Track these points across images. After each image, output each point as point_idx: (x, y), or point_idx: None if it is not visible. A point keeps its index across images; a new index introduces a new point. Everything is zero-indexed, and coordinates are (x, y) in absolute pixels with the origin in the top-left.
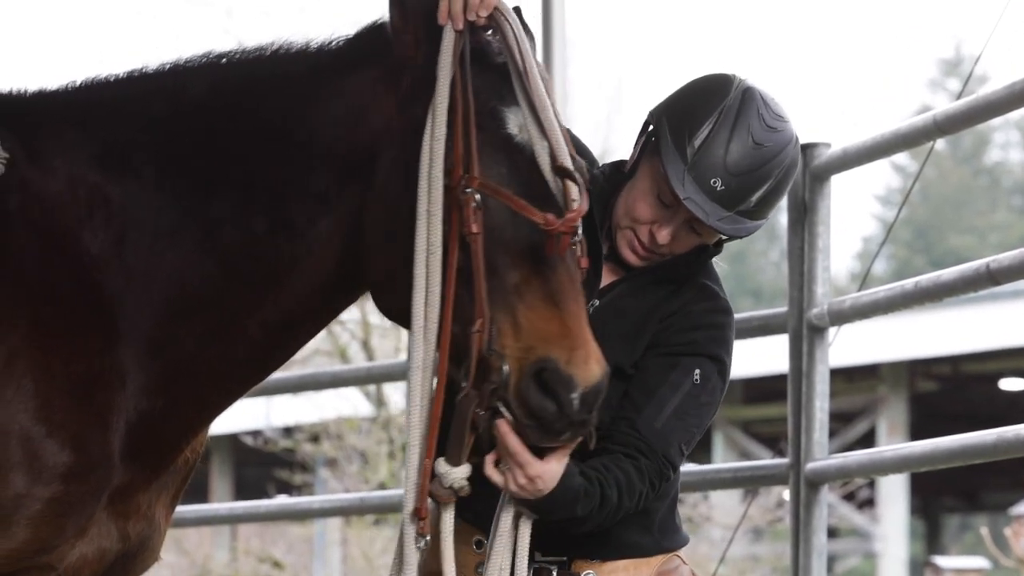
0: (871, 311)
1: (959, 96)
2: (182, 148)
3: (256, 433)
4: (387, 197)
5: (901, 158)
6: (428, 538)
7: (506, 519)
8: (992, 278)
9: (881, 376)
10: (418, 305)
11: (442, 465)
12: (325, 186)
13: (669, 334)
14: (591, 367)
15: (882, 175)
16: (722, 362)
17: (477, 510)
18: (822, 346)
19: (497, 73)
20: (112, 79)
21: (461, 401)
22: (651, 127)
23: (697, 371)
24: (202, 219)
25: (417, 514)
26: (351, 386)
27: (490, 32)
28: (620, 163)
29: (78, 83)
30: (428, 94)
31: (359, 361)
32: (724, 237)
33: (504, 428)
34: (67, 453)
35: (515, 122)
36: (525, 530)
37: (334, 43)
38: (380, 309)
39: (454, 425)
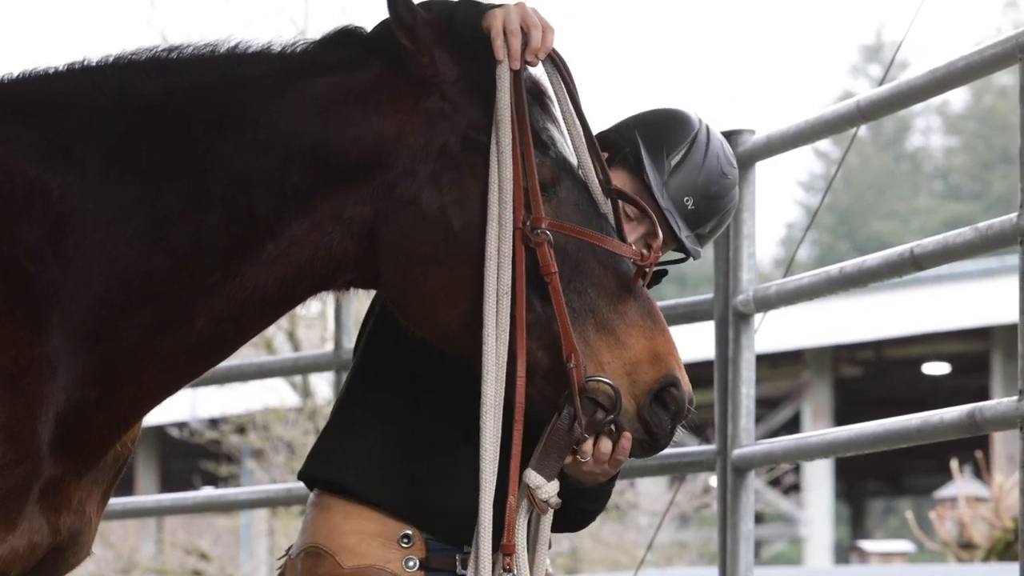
0: (796, 297)
1: (881, 82)
2: (130, 143)
3: (182, 425)
4: (422, 211)
5: (823, 144)
6: (515, 571)
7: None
8: (916, 263)
9: (805, 361)
10: (489, 346)
11: (536, 477)
12: (296, 184)
13: None
14: (688, 382)
15: (804, 161)
16: None
17: (426, 506)
18: (748, 332)
19: (535, 100)
20: (55, 71)
21: (563, 423)
22: (617, 144)
23: None
24: (150, 211)
25: (505, 550)
26: (277, 377)
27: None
28: None
29: (18, 75)
30: (467, 113)
31: (285, 352)
32: (665, 263)
33: (626, 444)
34: None
35: (566, 147)
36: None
37: (299, 46)
38: (409, 320)
39: (552, 444)
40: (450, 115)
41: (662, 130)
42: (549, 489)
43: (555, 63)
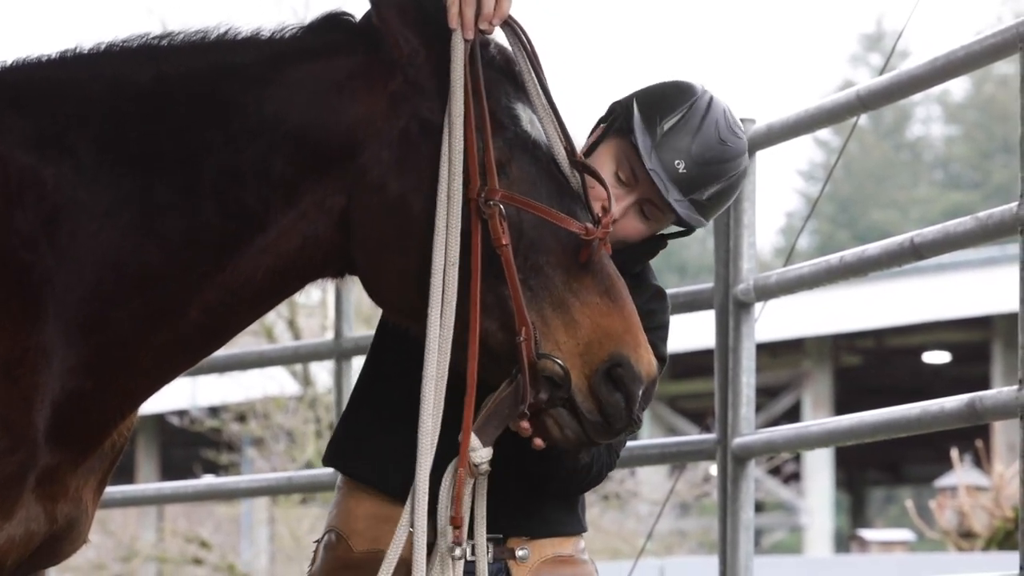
0: (796, 286)
1: (882, 71)
2: (123, 132)
3: (182, 413)
4: (386, 198)
5: (823, 133)
6: (464, 546)
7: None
8: (916, 252)
9: (805, 350)
10: (434, 317)
11: (472, 440)
12: (281, 172)
13: None
14: (652, 362)
15: (805, 150)
16: (666, 361)
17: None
18: (748, 321)
19: (503, 75)
20: (48, 59)
21: (508, 395)
22: (616, 113)
23: None
24: (142, 202)
25: (453, 523)
26: (278, 365)
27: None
28: None
29: (11, 63)
30: (429, 95)
31: (285, 340)
32: (666, 234)
33: (525, 426)
34: None
35: (531, 123)
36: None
37: (287, 32)
38: (381, 305)
39: (496, 412)
40: (411, 98)
41: (660, 96)
42: (482, 454)
43: (515, 31)
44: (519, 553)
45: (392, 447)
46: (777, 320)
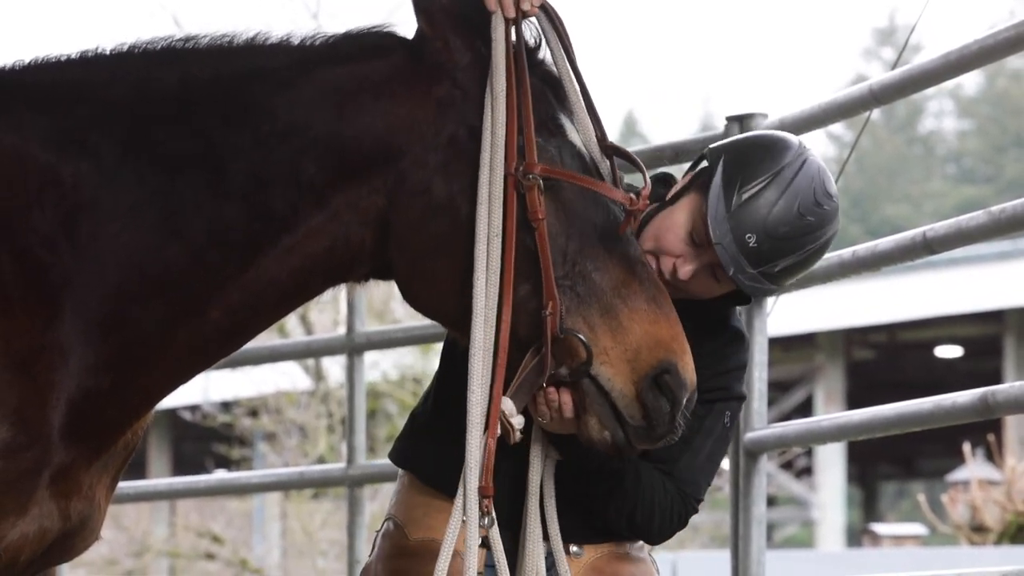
0: (809, 280)
1: (894, 65)
2: (146, 133)
3: (194, 408)
4: (431, 201)
5: (836, 127)
6: (492, 515)
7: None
8: (928, 247)
9: (818, 345)
10: (479, 289)
11: (509, 404)
12: (311, 175)
13: (704, 378)
14: (693, 371)
15: (817, 144)
16: (744, 398)
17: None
18: (760, 316)
19: (547, 85)
20: (68, 60)
21: (534, 367)
22: (704, 164)
23: (728, 413)
24: (165, 203)
25: (482, 492)
26: (290, 360)
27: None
28: (666, 176)
29: (30, 63)
30: (476, 99)
31: (298, 335)
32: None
33: (566, 398)
34: (4, 429)
35: (573, 132)
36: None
37: (319, 39)
38: (420, 309)
39: (523, 382)
40: (459, 103)
41: (747, 159)
42: (516, 421)
43: (550, 18)
44: (573, 549)
45: (453, 451)
46: (789, 314)
